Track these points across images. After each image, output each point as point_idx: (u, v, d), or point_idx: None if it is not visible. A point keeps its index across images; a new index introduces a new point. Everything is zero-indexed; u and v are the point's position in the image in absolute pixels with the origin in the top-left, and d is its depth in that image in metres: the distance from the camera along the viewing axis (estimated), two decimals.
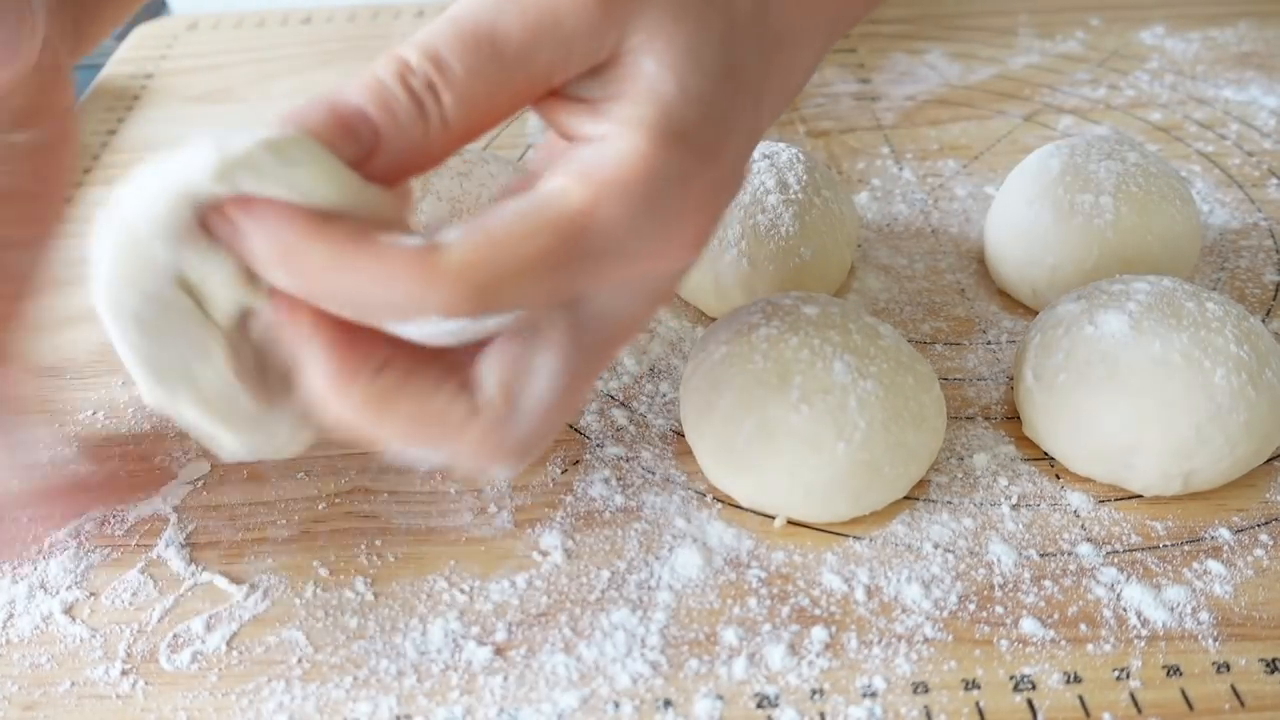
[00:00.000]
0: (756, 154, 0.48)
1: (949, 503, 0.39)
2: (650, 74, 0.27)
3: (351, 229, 0.25)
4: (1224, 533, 0.38)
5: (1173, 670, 0.34)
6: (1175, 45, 0.71)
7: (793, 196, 0.46)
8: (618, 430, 0.43)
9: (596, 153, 0.26)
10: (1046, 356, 0.40)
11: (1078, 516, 0.39)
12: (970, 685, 0.33)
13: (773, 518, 0.39)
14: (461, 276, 0.25)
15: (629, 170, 0.26)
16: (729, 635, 0.35)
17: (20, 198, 0.36)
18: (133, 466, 0.42)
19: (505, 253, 0.25)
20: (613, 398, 0.44)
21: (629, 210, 0.26)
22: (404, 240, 0.25)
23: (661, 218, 0.27)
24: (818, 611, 0.36)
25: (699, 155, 0.27)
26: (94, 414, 0.44)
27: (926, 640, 0.35)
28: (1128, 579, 0.36)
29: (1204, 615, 0.35)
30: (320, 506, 0.40)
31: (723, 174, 0.28)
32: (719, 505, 0.39)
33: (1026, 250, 0.47)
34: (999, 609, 0.36)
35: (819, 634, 0.35)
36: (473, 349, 0.28)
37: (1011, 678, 0.34)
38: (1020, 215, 0.47)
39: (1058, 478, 0.40)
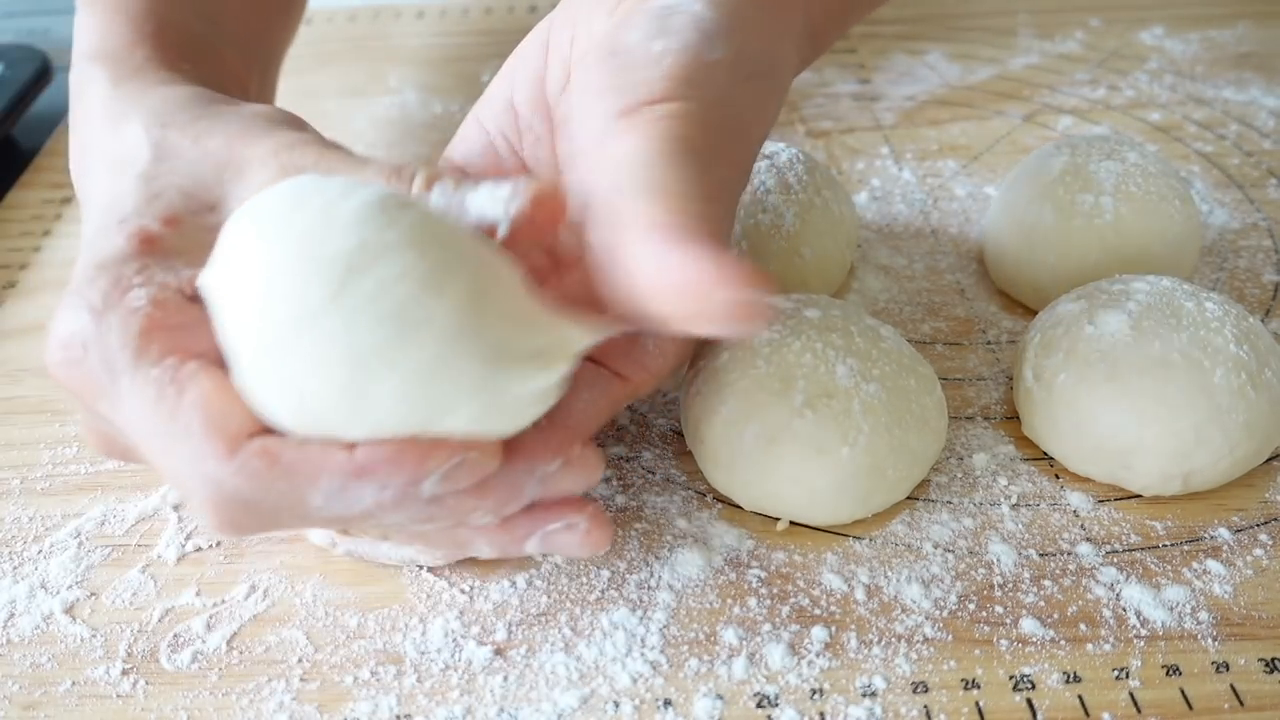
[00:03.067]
0: None
1: (949, 503, 0.39)
2: None
3: None
4: (1223, 532, 0.38)
5: (1172, 670, 0.34)
6: (1174, 46, 0.71)
7: (793, 196, 0.46)
8: (619, 430, 0.43)
9: (661, 349, 0.35)
10: (1046, 356, 0.40)
11: (1077, 516, 0.39)
12: (970, 685, 0.33)
13: (774, 518, 0.39)
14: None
15: (673, 363, 0.35)
16: (729, 635, 0.35)
17: None
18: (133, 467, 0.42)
19: (578, 436, 0.33)
20: None
21: (658, 385, 0.36)
22: None
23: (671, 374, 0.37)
24: (818, 611, 0.36)
25: None
26: None
27: (926, 640, 0.35)
28: (1127, 579, 0.36)
29: (1203, 615, 0.35)
30: None
31: None
32: (719, 505, 0.40)
33: (1026, 250, 0.47)
34: (999, 609, 0.36)
35: (819, 634, 0.35)
36: None
37: (1011, 677, 0.34)
38: (1020, 215, 0.48)
39: (1057, 477, 0.40)
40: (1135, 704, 0.33)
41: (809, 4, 0.40)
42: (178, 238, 0.33)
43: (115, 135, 0.37)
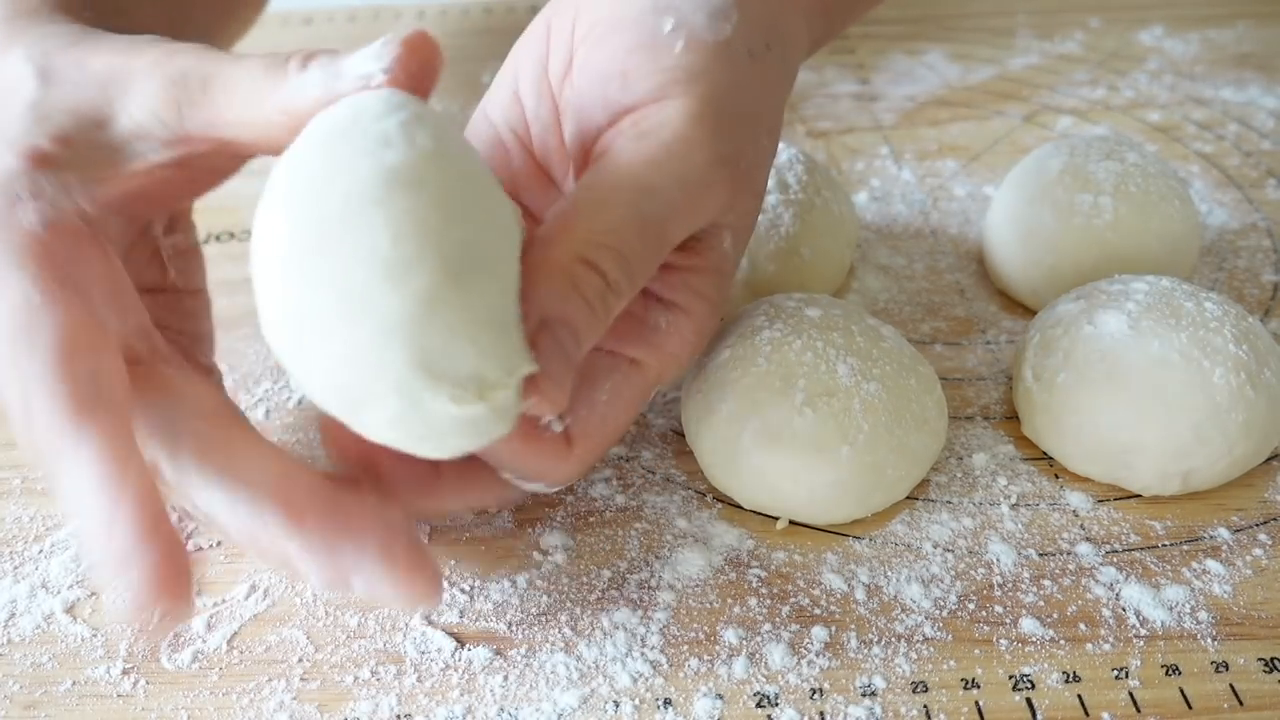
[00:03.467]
0: None
1: (948, 502, 0.39)
2: (724, 251, 0.34)
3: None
4: (1223, 532, 0.38)
5: (1171, 669, 0.34)
6: (1174, 46, 0.71)
7: (793, 197, 0.46)
8: None
9: (677, 328, 0.34)
10: (1045, 356, 0.40)
11: (1077, 516, 0.39)
12: (969, 684, 0.33)
13: (774, 518, 0.39)
14: (582, 461, 0.34)
15: (694, 341, 0.35)
16: (729, 635, 0.35)
17: (174, 291, 0.39)
18: None
19: (610, 437, 0.34)
20: None
21: (684, 368, 0.36)
22: (554, 427, 0.33)
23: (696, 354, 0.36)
24: (818, 611, 0.36)
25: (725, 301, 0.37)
26: None
27: (926, 639, 0.35)
28: (1127, 578, 0.36)
29: (1203, 615, 0.35)
30: None
31: None
32: (720, 505, 0.40)
33: (1026, 250, 0.47)
34: (998, 608, 0.36)
35: (819, 633, 0.35)
36: None
37: (1011, 677, 0.34)
38: (1020, 215, 0.48)
39: (1057, 477, 0.40)
40: (1135, 703, 0.33)
41: None
42: (70, 155, 0.33)
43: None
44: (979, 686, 0.33)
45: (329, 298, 0.27)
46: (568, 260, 0.30)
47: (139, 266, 0.36)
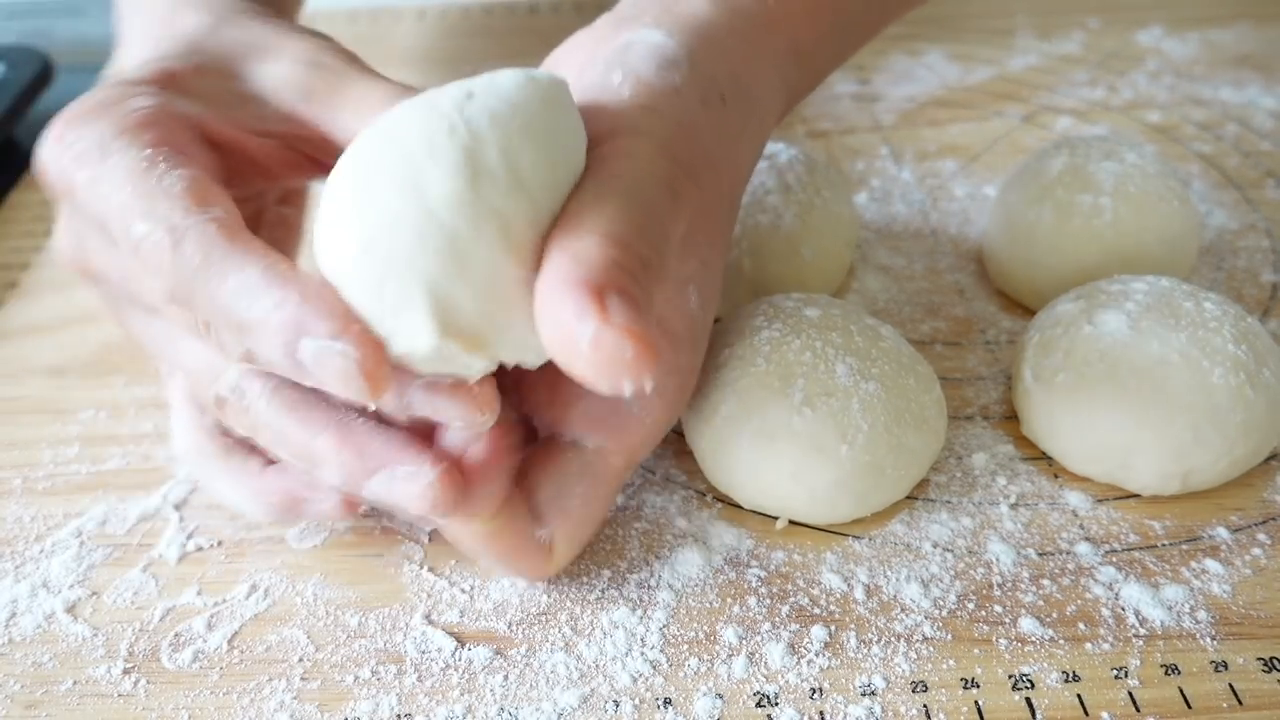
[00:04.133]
0: None
1: (948, 502, 0.39)
2: (692, 313, 0.35)
3: None
4: (1222, 532, 0.38)
5: (1171, 669, 0.34)
6: (1173, 46, 0.71)
7: (793, 196, 0.46)
8: None
9: (649, 407, 0.34)
10: (1045, 356, 0.40)
11: (1076, 516, 0.39)
12: (969, 684, 0.34)
13: (773, 518, 0.39)
14: (564, 559, 0.36)
15: (665, 420, 0.35)
16: (729, 634, 0.35)
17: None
18: (134, 466, 0.42)
19: (589, 533, 0.36)
20: None
21: (652, 448, 0.37)
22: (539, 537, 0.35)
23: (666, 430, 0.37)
24: (817, 610, 0.36)
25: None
26: (96, 414, 0.45)
27: (925, 639, 0.35)
28: (1126, 578, 0.36)
29: (1202, 614, 0.35)
30: None
31: None
32: (719, 505, 0.40)
33: (1026, 250, 0.47)
34: (998, 608, 0.36)
35: (818, 633, 0.35)
36: None
37: (1010, 676, 0.34)
38: (1019, 215, 0.48)
39: (1056, 477, 0.41)
40: (1134, 703, 0.33)
41: (795, 25, 0.40)
42: (201, 84, 0.35)
43: (172, 22, 0.39)
44: (978, 686, 0.33)
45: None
46: (596, 241, 0.28)
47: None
